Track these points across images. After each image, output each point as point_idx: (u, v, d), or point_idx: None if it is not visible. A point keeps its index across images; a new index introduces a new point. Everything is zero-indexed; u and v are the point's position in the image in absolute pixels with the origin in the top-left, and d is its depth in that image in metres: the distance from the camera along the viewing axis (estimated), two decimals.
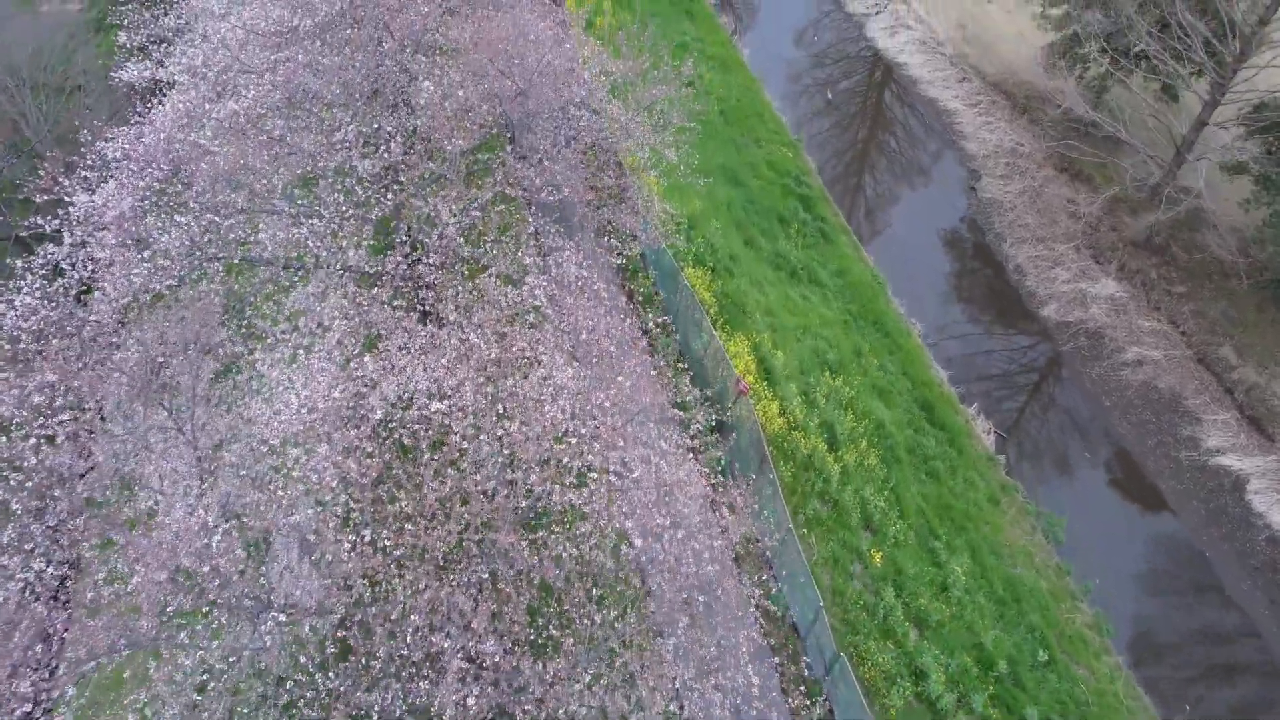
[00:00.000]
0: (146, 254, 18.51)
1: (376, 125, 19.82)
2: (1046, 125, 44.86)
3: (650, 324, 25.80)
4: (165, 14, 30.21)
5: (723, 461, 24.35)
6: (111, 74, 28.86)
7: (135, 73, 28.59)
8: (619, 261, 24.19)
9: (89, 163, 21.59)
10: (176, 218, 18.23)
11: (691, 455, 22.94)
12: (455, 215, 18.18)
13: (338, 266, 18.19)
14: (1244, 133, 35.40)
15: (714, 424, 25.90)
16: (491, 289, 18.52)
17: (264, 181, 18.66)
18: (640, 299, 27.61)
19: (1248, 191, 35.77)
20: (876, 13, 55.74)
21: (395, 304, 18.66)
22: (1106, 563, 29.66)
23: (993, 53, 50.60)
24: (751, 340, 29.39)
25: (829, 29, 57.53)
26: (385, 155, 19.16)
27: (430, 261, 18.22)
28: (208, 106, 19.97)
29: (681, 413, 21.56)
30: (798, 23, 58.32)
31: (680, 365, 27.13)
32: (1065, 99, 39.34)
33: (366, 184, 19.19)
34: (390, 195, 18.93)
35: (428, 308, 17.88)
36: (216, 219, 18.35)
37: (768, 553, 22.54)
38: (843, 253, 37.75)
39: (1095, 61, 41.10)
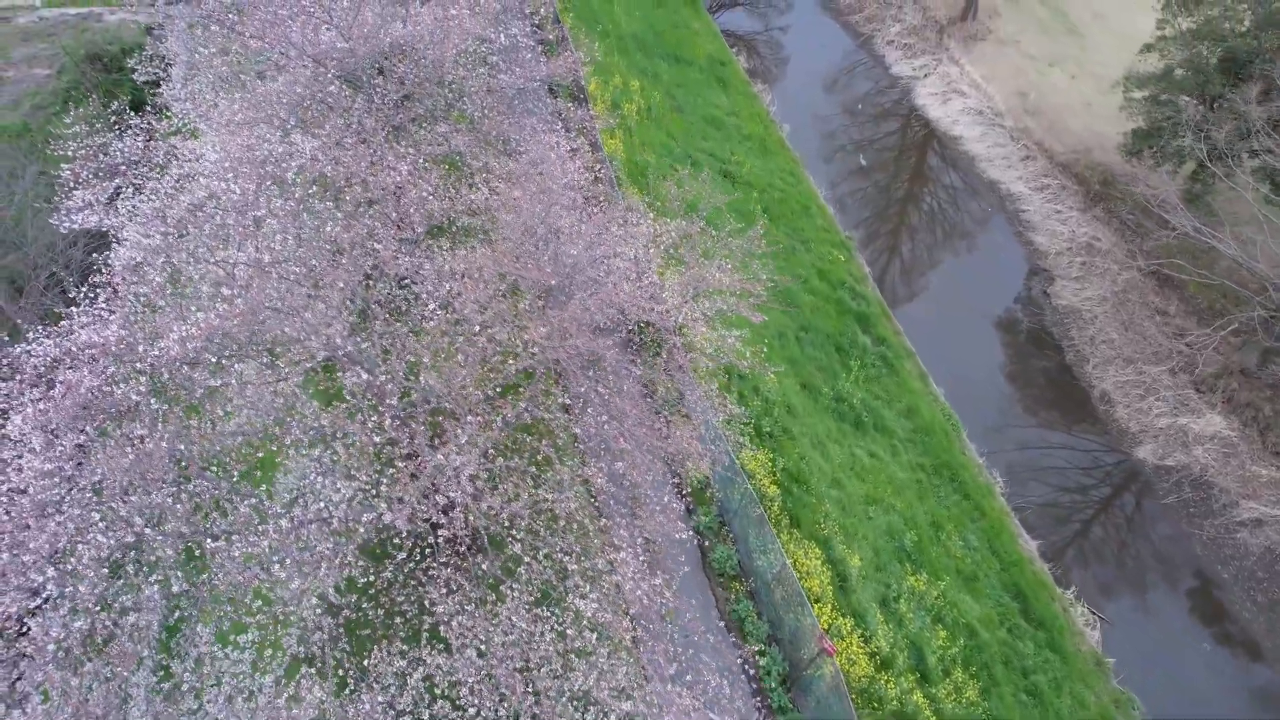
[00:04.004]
0: (53, 574, 13.55)
1: (365, 373, 14.87)
2: (1127, 218, 39.88)
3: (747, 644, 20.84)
4: (119, 137, 25.23)
5: None
6: (51, 219, 24.02)
7: (79, 219, 23.76)
8: (688, 534, 19.13)
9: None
10: (94, 533, 13.29)
11: None
12: (466, 527, 13.33)
13: (304, 611, 13.26)
14: None
15: (785, 673, 21.02)
16: (520, 617, 13.57)
17: (211, 487, 13.73)
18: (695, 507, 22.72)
19: None
20: (925, 75, 50.69)
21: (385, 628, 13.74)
22: None
23: (1059, 127, 45.54)
24: (819, 536, 24.45)
25: (865, 83, 52.55)
26: (375, 429, 14.23)
27: (432, 580, 13.36)
28: (141, 348, 15.01)
29: None
30: (832, 77, 53.44)
31: (739, 587, 22.25)
32: (1157, 201, 34.27)
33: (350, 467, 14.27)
34: (381, 509, 13.96)
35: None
36: (149, 531, 13.42)
37: None
38: (909, 386, 32.75)
39: (1190, 155, 36.13)
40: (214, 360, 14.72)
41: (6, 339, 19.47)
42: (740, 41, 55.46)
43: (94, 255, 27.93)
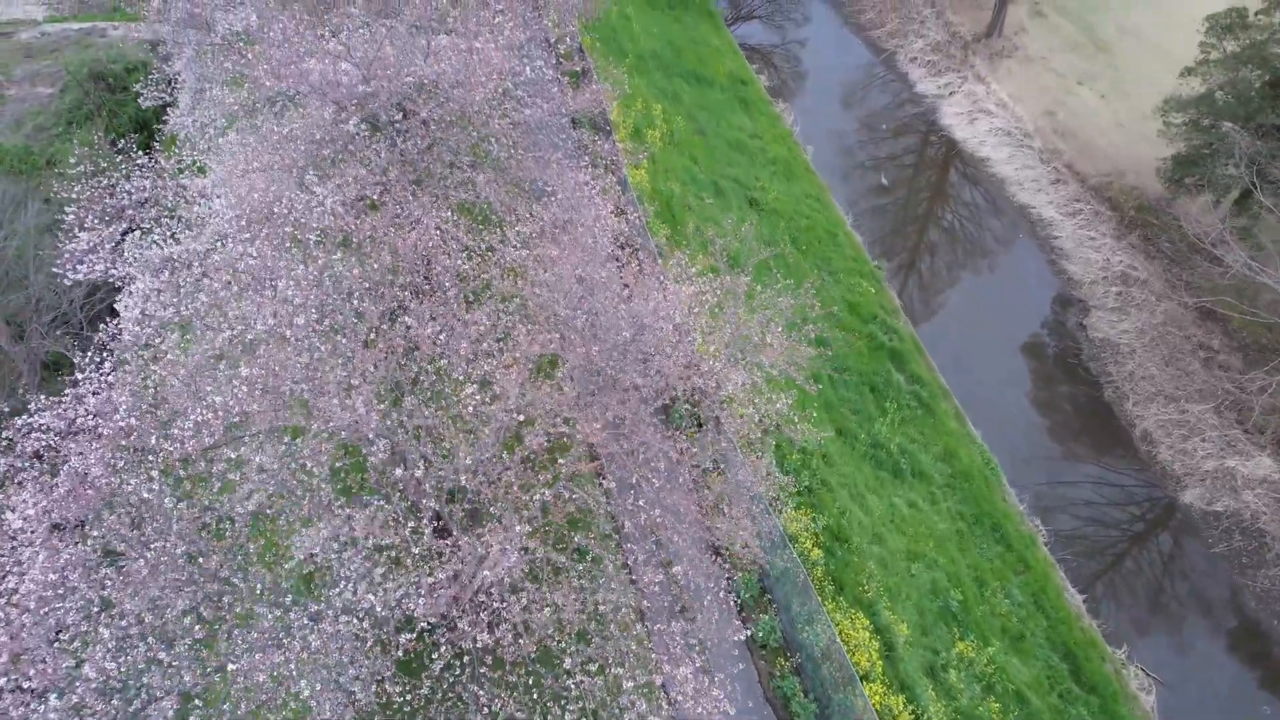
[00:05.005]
0: (56, 705, 12.29)
1: (400, 467, 13.60)
2: (1165, 246, 38.59)
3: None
4: (126, 178, 23.87)
5: None
6: (55, 268, 22.70)
7: (84, 269, 22.43)
8: (745, 634, 17.79)
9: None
10: (102, 634, 12.07)
11: None
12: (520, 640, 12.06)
13: None
14: None
15: None
16: None
17: (231, 592, 12.48)
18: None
19: None
20: (950, 93, 49.34)
21: None
22: None
23: (1091, 148, 44.21)
24: (864, 601, 23.18)
25: (888, 100, 51.23)
26: (413, 536, 12.98)
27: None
28: (154, 439, 13.75)
29: None
30: (855, 96, 52.14)
31: (784, 663, 20.96)
32: (1209, 238, 32.99)
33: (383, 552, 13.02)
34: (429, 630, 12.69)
35: None
36: (163, 656, 12.17)
37: None
38: (947, 428, 31.46)
39: (1236, 184, 34.83)
40: (231, 456, 13.45)
41: (6, 410, 18.28)
42: (759, 56, 54.13)
43: (98, 296, 26.67)
